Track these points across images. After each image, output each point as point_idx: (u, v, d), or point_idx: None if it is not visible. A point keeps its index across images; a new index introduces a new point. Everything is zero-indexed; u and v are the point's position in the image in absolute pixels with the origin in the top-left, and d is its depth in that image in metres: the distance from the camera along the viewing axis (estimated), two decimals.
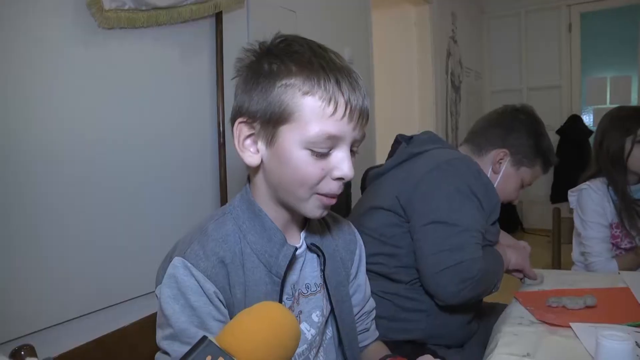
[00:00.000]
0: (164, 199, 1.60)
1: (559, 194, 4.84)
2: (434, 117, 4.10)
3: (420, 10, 4.10)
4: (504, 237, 1.48)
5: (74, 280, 1.33)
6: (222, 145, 1.77)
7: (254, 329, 0.59)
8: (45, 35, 1.27)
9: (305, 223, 0.92)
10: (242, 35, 1.88)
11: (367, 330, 1.07)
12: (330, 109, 0.76)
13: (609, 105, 4.94)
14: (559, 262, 1.98)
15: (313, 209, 0.82)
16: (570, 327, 1.04)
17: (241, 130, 0.80)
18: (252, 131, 0.80)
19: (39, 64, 1.26)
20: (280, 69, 0.77)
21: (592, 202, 1.70)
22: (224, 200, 1.78)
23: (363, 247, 1.04)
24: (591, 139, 4.86)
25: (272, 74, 0.77)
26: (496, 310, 1.39)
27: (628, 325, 1.02)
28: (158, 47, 1.58)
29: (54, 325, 1.29)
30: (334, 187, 0.80)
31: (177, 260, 0.76)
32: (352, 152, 0.81)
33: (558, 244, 1.98)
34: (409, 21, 4.14)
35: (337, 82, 0.77)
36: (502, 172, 1.45)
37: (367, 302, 1.06)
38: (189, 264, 0.75)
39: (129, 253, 1.48)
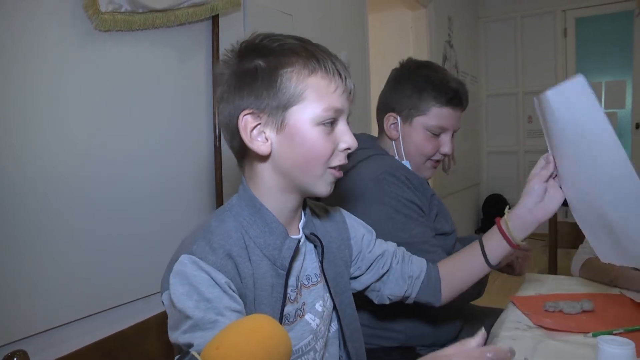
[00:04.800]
0: (160, 201, 1.59)
1: None
2: None
3: (417, 15, 4.11)
4: None
5: (69, 283, 1.32)
6: (218, 149, 1.77)
7: (239, 343, 0.57)
8: (41, 37, 1.27)
9: (302, 216, 0.95)
10: (239, 38, 1.87)
11: (411, 258, 1.11)
12: (333, 86, 0.84)
13: (603, 109, 4.96)
14: (555, 266, 1.98)
15: (325, 185, 0.87)
16: (568, 331, 1.04)
17: (247, 121, 0.83)
18: (258, 121, 0.83)
19: (34, 66, 1.25)
20: (278, 60, 0.83)
21: None
22: (220, 203, 1.78)
23: (355, 226, 1.07)
24: None
25: (270, 67, 0.83)
26: (492, 315, 1.39)
27: (625, 330, 1.02)
28: (154, 49, 1.57)
29: (48, 329, 1.27)
30: (342, 158, 0.88)
31: (184, 258, 0.77)
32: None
33: (554, 249, 1.98)
34: (405, 25, 4.15)
35: (333, 63, 0.85)
36: (400, 135, 1.40)
37: (387, 246, 1.10)
38: (197, 259, 0.76)
39: (124, 256, 1.47)
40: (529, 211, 1.01)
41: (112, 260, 1.43)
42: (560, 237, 2.00)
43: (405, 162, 1.41)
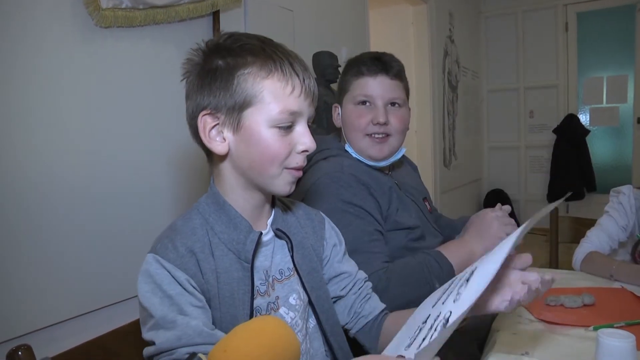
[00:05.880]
0: (160, 199, 1.60)
1: (555, 193, 4.86)
2: (431, 117, 4.11)
3: (418, 10, 4.10)
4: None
5: (71, 279, 1.33)
6: None
7: (247, 347, 0.57)
8: (42, 33, 1.27)
9: (271, 212, 0.96)
10: None
11: (370, 297, 1.07)
12: (289, 88, 0.84)
13: (605, 104, 4.96)
14: (556, 261, 1.98)
15: (283, 184, 0.88)
16: (569, 325, 1.04)
17: (206, 121, 0.85)
18: (216, 122, 0.85)
19: (35, 63, 1.26)
20: (236, 61, 0.84)
21: (626, 202, 1.58)
22: None
23: (334, 229, 1.07)
24: (587, 138, 4.89)
25: (228, 67, 0.84)
26: None
27: (626, 324, 1.02)
28: (155, 46, 1.57)
29: (52, 325, 1.28)
30: (300, 160, 0.88)
31: (149, 257, 0.82)
32: (309, 128, 0.89)
33: (555, 244, 1.98)
34: (406, 20, 4.14)
35: (291, 64, 0.85)
36: (340, 120, 1.45)
37: (357, 271, 1.08)
38: (159, 257, 0.80)
39: (125, 253, 1.47)
40: None
41: (112, 257, 1.44)
42: (562, 231, 2.00)
43: (347, 146, 1.42)
